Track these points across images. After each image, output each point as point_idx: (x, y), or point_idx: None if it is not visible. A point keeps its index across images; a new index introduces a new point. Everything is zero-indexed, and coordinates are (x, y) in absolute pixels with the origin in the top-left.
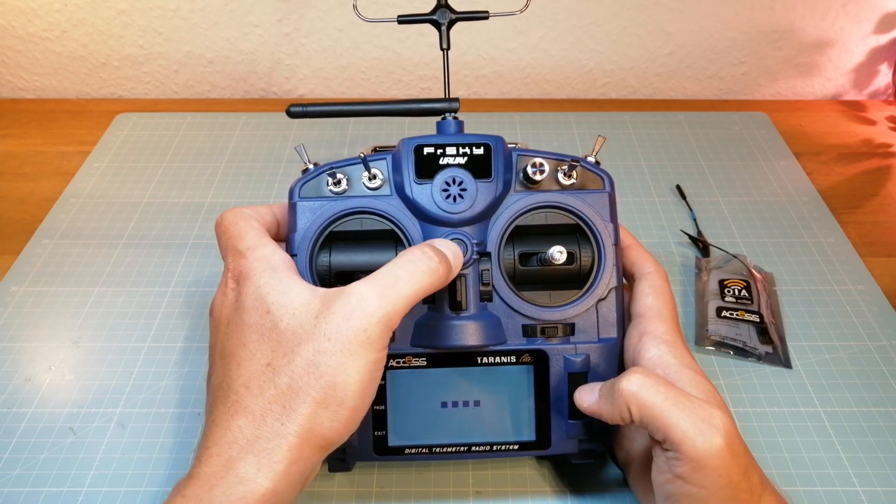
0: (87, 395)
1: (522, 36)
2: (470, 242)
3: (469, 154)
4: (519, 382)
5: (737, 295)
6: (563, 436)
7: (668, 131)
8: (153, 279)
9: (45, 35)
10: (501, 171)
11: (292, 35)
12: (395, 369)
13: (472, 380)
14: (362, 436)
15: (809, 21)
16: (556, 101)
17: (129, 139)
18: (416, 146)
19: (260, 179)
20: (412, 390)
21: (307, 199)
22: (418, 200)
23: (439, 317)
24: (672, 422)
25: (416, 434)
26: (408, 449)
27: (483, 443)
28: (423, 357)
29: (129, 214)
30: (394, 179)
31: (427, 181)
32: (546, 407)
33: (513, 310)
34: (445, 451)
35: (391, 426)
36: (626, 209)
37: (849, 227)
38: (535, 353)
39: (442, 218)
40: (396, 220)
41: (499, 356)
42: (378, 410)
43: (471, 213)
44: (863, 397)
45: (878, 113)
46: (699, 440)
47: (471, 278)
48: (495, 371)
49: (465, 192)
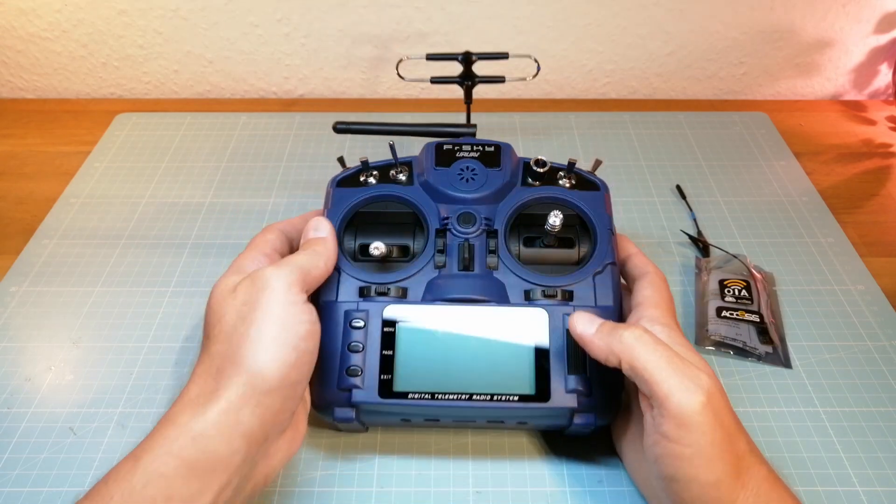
0: (87, 395)
1: (522, 36)
2: (479, 216)
3: (482, 150)
4: (520, 338)
5: (737, 295)
6: (563, 390)
7: (668, 131)
8: (153, 279)
9: (45, 35)
10: (509, 165)
11: (292, 35)
12: (405, 322)
13: (477, 337)
14: (367, 382)
15: (809, 21)
16: (556, 101)
17: (129, 139)
18: (437, 144)
19: (260, 179)
20: (419, 344)
21: (342, 187)
22: (436, 183)
23: (449, 275)
24: (660, 377)
25: (421, 382)
26: (411, 394)
27: (484, 393)
28: (432, 311)
29: (129, 214)
30: (416, 175)
31: (444, 168)
32: (545, 363)
33: (516, 276)
34: (447, 398)
35: (397, 372)
36: (626, 209)
37: (849, 227)
38: (536, 312)
39: (456, 197)
40: (416, 203)
41: (502, 313)
42: (386, 356)
43: (481, 193)
44: (863, 397)
45: (878, 113)
46: (682, 396)
47: (478, 246)
48: (499, 330)
49: (476, 176)
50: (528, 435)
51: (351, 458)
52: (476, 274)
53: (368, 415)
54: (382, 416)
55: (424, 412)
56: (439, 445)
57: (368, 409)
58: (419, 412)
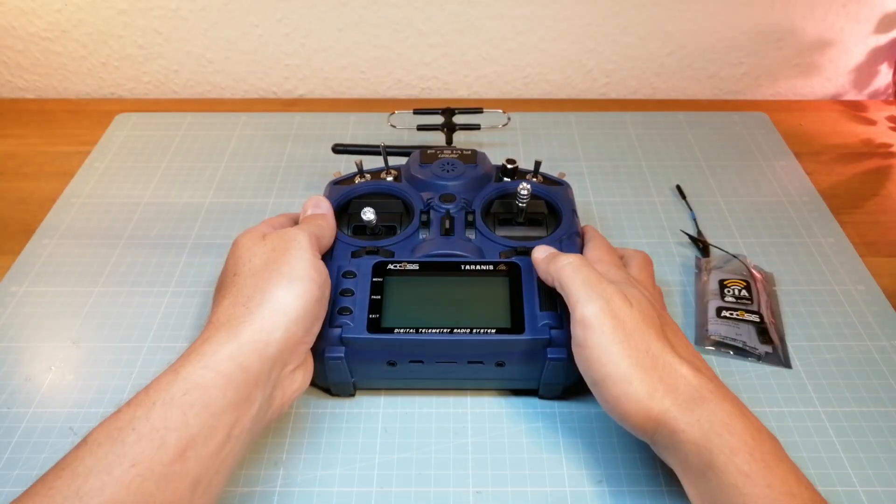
0: (87, 395)
1: (522, 36)
2: (459, 196)
3: (461, 153)
4: (496, 284)
5: (737, 295)
6: (536, 324)
7: (668, 131)
8: (153, 279)
9: (45, 35)
10: (485, 165)
11: (292, 35)
12: (392, 273)
13: (456, 284)
14: (357, 321)
15: (809, 21)
16: (556, 101)
17: (129, 139)
18: (422, 149)
19: (260, 179)
20: (404, 289)
21: (340, 184)
22: (421, 176)
23: (433, 237)
24: (572, 290)
25: (406, 320)
26: (397, 329)
27: (464, 326)
28: (416, 264)
29: (129, 214)
30: (404, 177)
31: (428, 164)
32: (519, 303)
33: (492, 241)
34: (430, 331)
35: (385, 311)
36: (626, 209)
37: (849, 227)
38: (510, 264)
39: (438, 184)
40: (403, 193)
41: (479, 265)
42: (375, 300)
43: (460, 181)
44: (863, 397)
45: (878, 113)
46: (585, 305)
47: (458, 219)
48: (476, 278)
49: (455, 168)
50: (527, 435)
51: (351, 458)
52: (456, 238)
53: (356, 356)
54: (369, 357)
55: (410, 349)
56: (440, 444)
57: (357, 348)
58: (405, 349)
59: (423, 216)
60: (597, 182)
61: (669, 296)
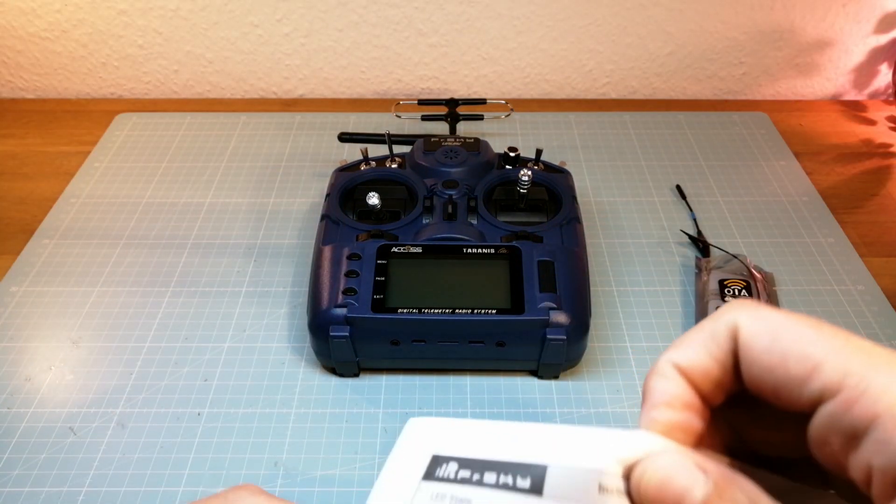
0: (87, 395)
1: (522, 36)
2: (462, 182)
3: (464, 140)
4: (497, 267)
5: (737, 295)
6: (535, 305)
7: (668, 131)
8: (153, 279)
9: (45, 35)
10: (487, 153)
11: (292, 35)
12: (396, 256)
13: (458, 266)
14: (362, 301)
15: (809, 21)
16: (556, 101)
17: (129, 139)
18: (426, 137)
19: (260, 179)
20: (408, 271)
21: (346, 171)
22: (425, 163)
23: (436, 222)
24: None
25: (410, 300)
26: (400, 309)
27: (466, 307)
28: (419, 247)
29: (129, 214)
30: (407, 160)
31: (432, 152)
32: (519, 285)
33: (494, 226)
34: (433, 311)
35: (389, 292)
36: (626, 209)
37: (849, 227)
38: (511, 248)
39: (441, 171)
40: (407, 180)
41: (481, 248)
42: (379, 281)
43: (463, 168)
44: None
45: (878, 113)
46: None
47: (461, 204)
48: (478, 261)
49: (458, 156)
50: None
51: (351, 458)
52: (458, 222)
53: (361, 336)
54: (374, 337)
55: (413, 328)
56: None
57: (362, 327)
58: (408, 329)
59: (426, 202)
60: (597, 182)
61: (669, 296)
